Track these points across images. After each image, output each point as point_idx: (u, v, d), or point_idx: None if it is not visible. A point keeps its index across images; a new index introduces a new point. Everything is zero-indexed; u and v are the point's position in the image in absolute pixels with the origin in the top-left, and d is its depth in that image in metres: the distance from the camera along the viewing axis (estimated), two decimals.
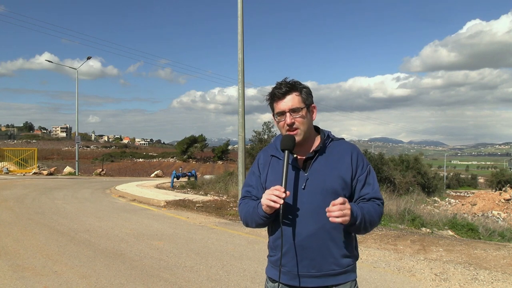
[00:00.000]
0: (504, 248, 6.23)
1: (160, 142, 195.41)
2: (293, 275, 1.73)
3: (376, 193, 1.79)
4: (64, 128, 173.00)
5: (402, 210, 9.42)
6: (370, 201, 1.77)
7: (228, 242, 6.71)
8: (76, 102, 32.14)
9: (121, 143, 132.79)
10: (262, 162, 1.88)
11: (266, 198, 1.65)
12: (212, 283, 4.50)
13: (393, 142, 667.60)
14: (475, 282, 4.62)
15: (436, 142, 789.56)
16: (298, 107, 1.74)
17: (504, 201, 20.64)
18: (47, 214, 9.21)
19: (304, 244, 1.71)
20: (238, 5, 10.71)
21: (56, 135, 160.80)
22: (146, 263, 5.24)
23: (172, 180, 17.78)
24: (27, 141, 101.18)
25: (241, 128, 10.62)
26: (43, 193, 13.78)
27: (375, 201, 1.78)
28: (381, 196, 1.82)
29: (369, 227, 1.73)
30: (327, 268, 1.72)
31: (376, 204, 1.77)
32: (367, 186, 1.79)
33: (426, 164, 44.02)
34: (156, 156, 75.20)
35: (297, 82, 1.80)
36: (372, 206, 1.75)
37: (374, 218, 1.74)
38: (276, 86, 1.79)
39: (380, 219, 1.79)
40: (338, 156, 1.79)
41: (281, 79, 1.82)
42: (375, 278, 4.79)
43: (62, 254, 5.60)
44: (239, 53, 10.76)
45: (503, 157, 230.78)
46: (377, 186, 1.83)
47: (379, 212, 1.77)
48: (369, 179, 1.80)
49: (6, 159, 29.22)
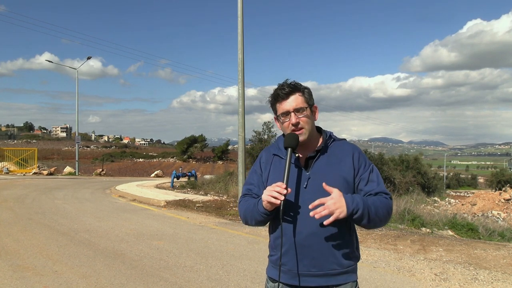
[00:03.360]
0: (504, 248, 6.23)
1: (160, 142, 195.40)
2: (293, 274, 1.73)
3: (381, 188, 1.79)
4: (64, 128, 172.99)
5: (402, 210, 9.42)
6: (377, 195, 1.76)
7: (228, 242, 6.72)
8: (76, 102, 32.19)
9: (121, 143, 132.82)
10: (264, 160, 1.89)
11: (267, 194, 1.65)
12: (212, 283, 4.51)
13: (393, 142, 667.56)
14: (475, 282, 4.63)
15: (436, 142, 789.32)
16: (302, 107, 1.76)
17: (504, 201, 20.63)
18: (47, 214, 9.22)
19: (305, 243, 1.70)
20: (238, 5, 10.71)
21: (56, 135, 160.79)
22: (146, 263, 5.24)
23: (172, 180, 17.78)
24: (27, 141, 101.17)
25: (241, 128, 10.63)
26: (43, 193, 13.79)
27: (382, 195, 1.77)
28: (387, 191, 1.80)
29: (378, 219, 1.71)
30: (328, 267, 1.71)
31: (383, 198, 1.76)
32: (370, 183, 1.79)
33: (426, 164, 44.04)
34: (156, 156, 75.20)
35: (298, 83, 1.83)
36: (379, 199, 1.74)
37: (381, 210, 1.72)
38: (279, 87, 1.80)
39: (389, 212, 1.77)
40: (340, 156, 1.80)
41: (282, 80, 1.84)
42: (375, 278, 4.79)
43: (62, 254, 5.60)
44: (239, 53, 10.77)
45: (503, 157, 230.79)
46: (382, 183, 1.82)
47: (387, 204, 1.75)
48: (373, 176, 1.80)
49: (6, 159, 29.23)
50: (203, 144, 70.77)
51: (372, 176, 1.80)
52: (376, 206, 1.71)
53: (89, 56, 31.83)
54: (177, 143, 76.63)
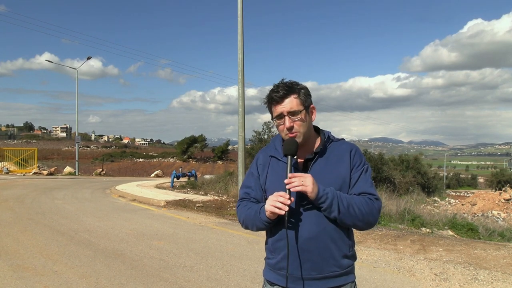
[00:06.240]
0: (504, 248, 6.23)
1: (160, 142, 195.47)
2: (295, 278, 1.71)
3: (367, 189, 1.74)
4: (64, 128, 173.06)
5: (402, 210, 9.42)
6: (361, 195, 1.73)
7: (228, 242, 6.72)
8: (76, 102, 32.20)
9: (121, 143, 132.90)
10: (261, 162, 1.86)
11: (270, 204, 1.63)
12: (212, 283, 4.51)
13: (393, 142, 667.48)
14: (475, 282, 4.63)
15: (436, 142, 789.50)
16: (297, 110, 1.70)
17: (504, 201, 20.63)
18: (47, 214, 9.22)
19: (305, 247, 1.69)
20: (238, 5, 10.71)
21: (56, 135, 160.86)
22: (146, 263, 5.24)
23: (172, 180, 17.78)
24: (27, 141, 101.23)
25: (241, 128, 10.63)
26: (43, 193, 13.79)
27: (366, 195, 1.73)
28: (373, 192, 1.75)
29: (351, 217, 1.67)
30: (328, 270, 1.70)
31: (367, 198, 1.72)
32: (358, 183, 1.75)
33: (426, 164, 44.03)
34: (156, 156, 75.23)
35: (295, 83, 1.76)
36: (359, 198, 1.71)
37: (359, 208, 1.67)
38: (273, 89, 1.74)
39: (373, 212, 1.71)
40: (338, 157, 1.77)
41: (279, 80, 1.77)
42: (375, 278, 4.79)
43: (62, 254, 5.60)
44: (239, 53, 10.77)
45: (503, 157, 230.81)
46: (371, 184, 1.77)
47: (367, 204, 1.70)
48: (363, 176, 1.76)
49: (6, 159, 29.22)
50: (203, 144, 70.79)
51: (362, 176, 1.76)
52: (352, 202, 1.67)
53: (89, 56, 31.85)
54: (177, 143, 76.66)
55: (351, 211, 1.66)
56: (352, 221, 1.68)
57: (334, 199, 1.64)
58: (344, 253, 1.73)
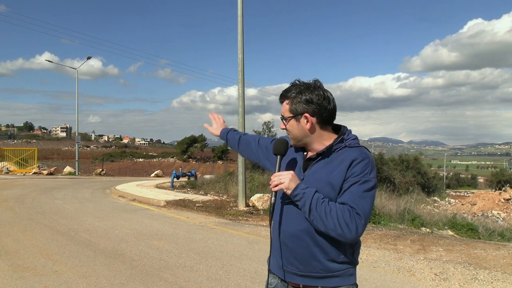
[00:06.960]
0: (504, 248, 6.23)
1: (160, 142, 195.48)
2: (279, 267, 1.79)
3: (350, 201, 1.59)
4: (64, 128, 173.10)
5: (402, 210, 9.43)
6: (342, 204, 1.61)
7: (228, 242, 6.72)
8: (76, 102, 32.19)
9: (121, 143, 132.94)
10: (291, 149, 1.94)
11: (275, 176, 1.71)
12: (212, 283, 4.51)
13: (393, 142, 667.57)
14: (475, 282, 4.63)
15: (436, 142, 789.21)
16: (285, 116, 1.76)
17: (504, 201, 20.63)
18: (47, 214, 9.22)
19: (287, 242, 1.73)
20: (238, 5, 10.72)
21: (56, 135, 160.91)
22: (146, 263, 5.24)
23: (172, 180, 17.78)
24: (27, 141, 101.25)
25: (241, 128, 10.63)
26: (43, 193, 13.78)
27: (347, 205, 1.59)
28: (358, 207, 1.58)
29: (318, 220, 1.59)
30: (310, 270, 1.69)
31: (346, 208, 1.58)
32: (344, 194, 1.62)
33: (426, 164, 44.02)
34: (156, 156, 75.24)
35: (292, 89, 1.74)
36: (336, 205, 1.59)
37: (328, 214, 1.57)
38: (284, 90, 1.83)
39: (344, 222, 1.56)
40: (340, 162, 1.66)
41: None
42: (375, 278, 4.79)
43: (62, 254, 5.60)
44: (239, 53, 10.77)
45: (503, 157, 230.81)
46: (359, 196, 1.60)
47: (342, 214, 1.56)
48: (354, 187, 1.61)
49: (6, 159, 29.20)
50: (203, 144, 70.75)
51: (353, 188, 1.61)
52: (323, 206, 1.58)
53: (89, 56, 31.83)
54: (177, 143, 76.63)
55: (322, 216, 1.58)
56: (325, 229, 1.59)
57: (307, 200, 1.61)
58: (331, 257, 1.66)
